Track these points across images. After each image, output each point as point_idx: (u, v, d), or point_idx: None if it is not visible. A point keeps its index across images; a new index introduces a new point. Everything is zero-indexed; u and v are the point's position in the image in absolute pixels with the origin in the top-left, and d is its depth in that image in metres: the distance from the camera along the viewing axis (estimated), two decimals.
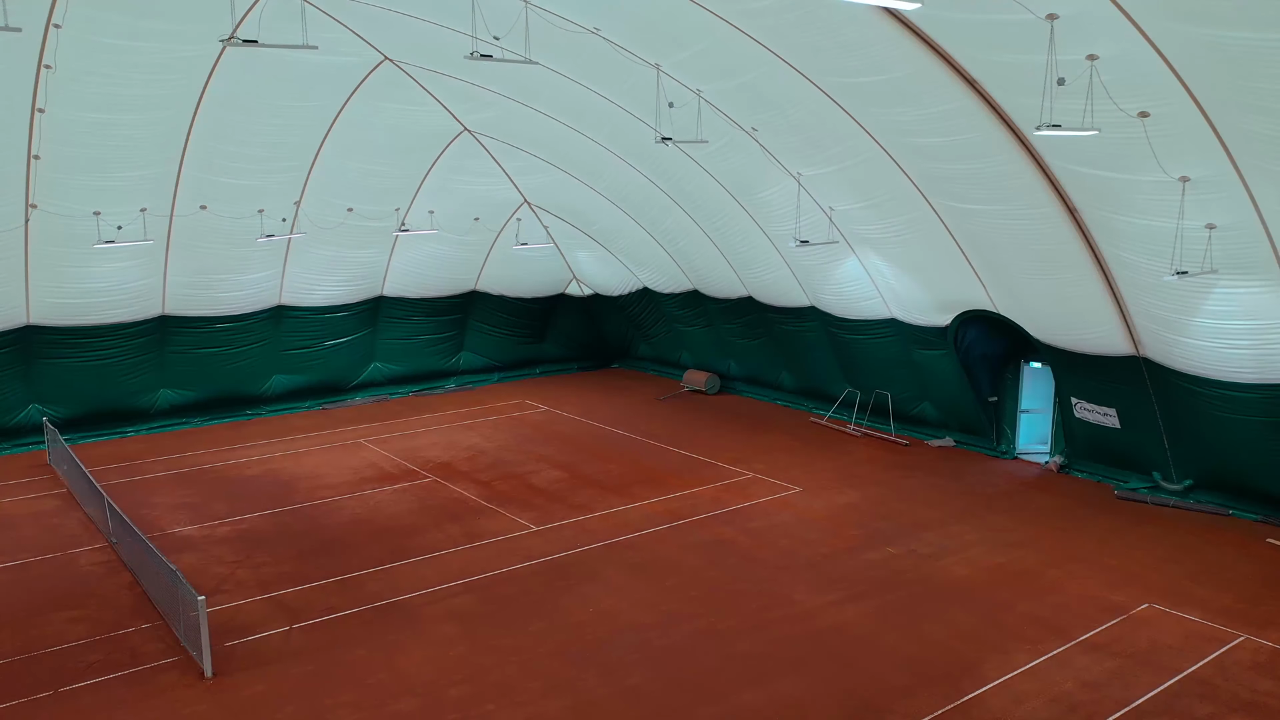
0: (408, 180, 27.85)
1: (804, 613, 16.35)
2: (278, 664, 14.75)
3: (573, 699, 13.66)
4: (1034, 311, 21.48)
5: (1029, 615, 16.16)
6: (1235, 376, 18.68)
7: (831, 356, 28.41)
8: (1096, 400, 22.06)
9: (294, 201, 26.79)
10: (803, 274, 26.35)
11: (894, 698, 13.65)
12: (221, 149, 23.89)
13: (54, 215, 23.48)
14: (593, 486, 23.08)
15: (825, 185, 21.84)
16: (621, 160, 25.82)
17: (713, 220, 26.77)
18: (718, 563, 18.46)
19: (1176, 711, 13.21)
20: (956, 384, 25.07)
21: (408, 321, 32.33)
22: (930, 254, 21.95)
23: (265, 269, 28.18)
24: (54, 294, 25.31)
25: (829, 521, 20.65)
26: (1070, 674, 14.25)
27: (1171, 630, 15.63)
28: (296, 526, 20.57)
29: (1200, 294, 17.64)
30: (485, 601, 16.86)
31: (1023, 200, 18.25)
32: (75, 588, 17.50)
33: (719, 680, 14.14)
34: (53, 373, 26.49)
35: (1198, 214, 15.89)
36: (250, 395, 29.89)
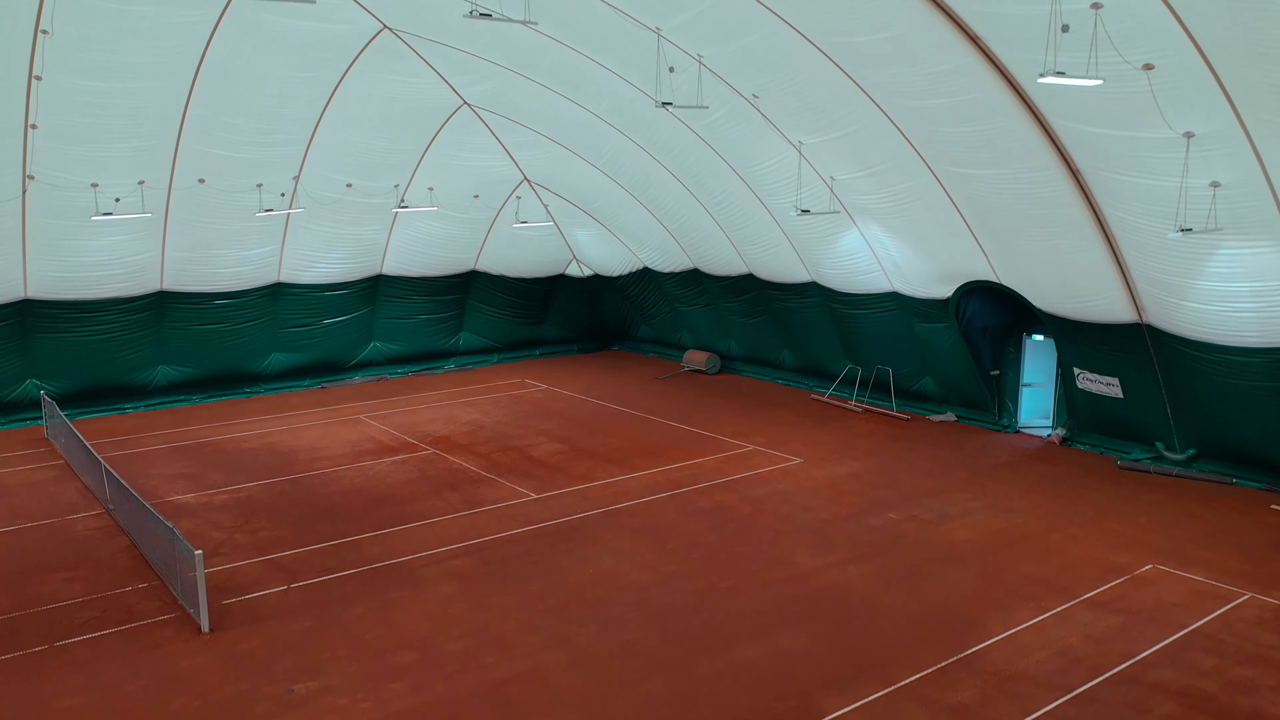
0: (407, 156, 27.73)
1: (805, 573, 16.24)
2: (275, 620, 14.64)
3: (572, 652, 13.55)
4: (1036, 280, 21.36)
5: (1031, 576, 16.05)
6: (1239, 340, 18.57)
7: (832, 333, 28.29)
8: (1099, 370, 21.94)
9: (293, 176, 26.66)
10: (803, 248, 26.24)
11: (896, 651, 13.54)
12: (220, 120, 23.77)
13: (51, 187, 23.36)
14: (592, 458, 22.97)
15: (826, 154, 21.72)
16: (621, 134, 25.71)
17: (713, 195, 26.65)
18: (718, 527, 18.35)
19: (1182, 664, 13.10)
20: (958, 358, 24.95)
21: (407, 301, 32.22)
22: (932, 223, 21.83)
23: (264, 245, 28.06)
24: (52, 267, 25.20)
25: (830, 490, 20.54)
26: (1074, 629, 14.14)
27: (1176, 589, 15.52)
28: (294, 495, 20.46)
29: (1204, 256, 17.53)
30: (484, 563, 16.75)
31: (1025, 162, 18.13)
32: (71, 551, 17.39)
33: (719, 635, 14.04)
34: (50, 347, 26.37)
35: (1202, 171, 15.78)
36: (249, 373, 29.78)
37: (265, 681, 12.82)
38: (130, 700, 12.33)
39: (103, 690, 12.59)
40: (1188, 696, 12.28)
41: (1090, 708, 12.04)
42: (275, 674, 12.99)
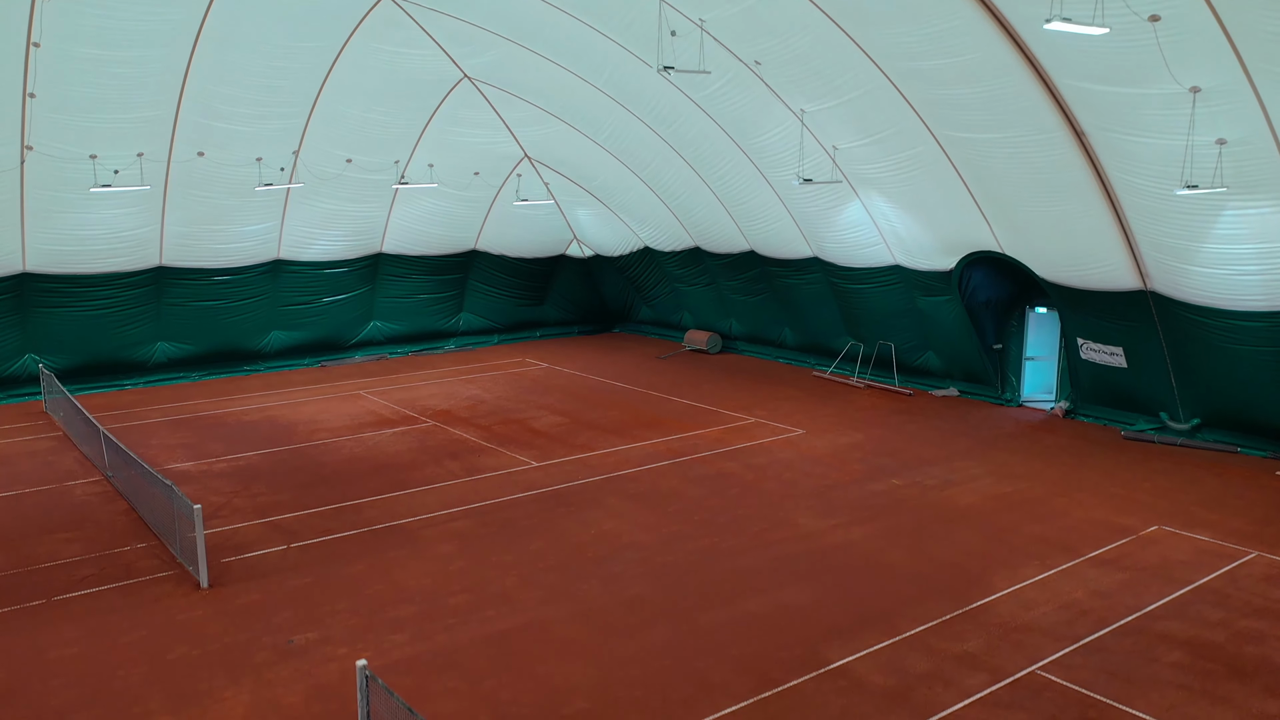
0: (407, 131, 27.59)
1: (808, 534, 16.13)
2: (275, 576, 14.53)
3: (573, 606, 13.44)
4: (1039, 248, 21.24)
5: (1036, 536, 15.94)
6: (1244, 305, 18.46)
7: (834, 309, 28.17)
8: (1103, 340, 21.82)
9: (292, 151, 26.53)
10: (805, 222, 26.11)
11: (901, 604, 13.43)
12: (219, 91, 23.63)
13: (50, 158, 23.23)
14: (593, 429, 22.86)
15: (828, 122, 21.60)
16: (622, 108, 25.58)
17: (714, 170, 26.53)
18: (720, 492, 18.23)
19: (1188, 617, 13.00)
20: (960, 331, 24.83)
21: (407, 280, 32.10)
22: (935, 192, 21.71)
23: (263, 221, 27.93)
24: (50, 240, 25.08)
25: (832, 458, 20.43)
26: (1079, 584, 14.03)
27: (1181, 548, 15.42)
28: (293, 463, 20.34)
29: (1209, 218, 17.41)
30: (484, 524, 16.64)
31: (1029, 124, 18.01)
32: (70, 514, 17.28)
33: (721, 590, 13.93)
34: (49, 322, 26.25)
35: (1208, 128, 15.65)
36: (248, 350, 29.66)
37: (264, 632, 12.71)
38: (127, 650, 12.22)
39: (100, 640, 12.49)
40: (1195, 646, 12.17)
41: (1097, 656, 11.94)
42: (274, 626, 12.88)
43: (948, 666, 11.70)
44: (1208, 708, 10.76)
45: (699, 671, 11.61)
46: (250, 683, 11.42)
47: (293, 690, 11.26)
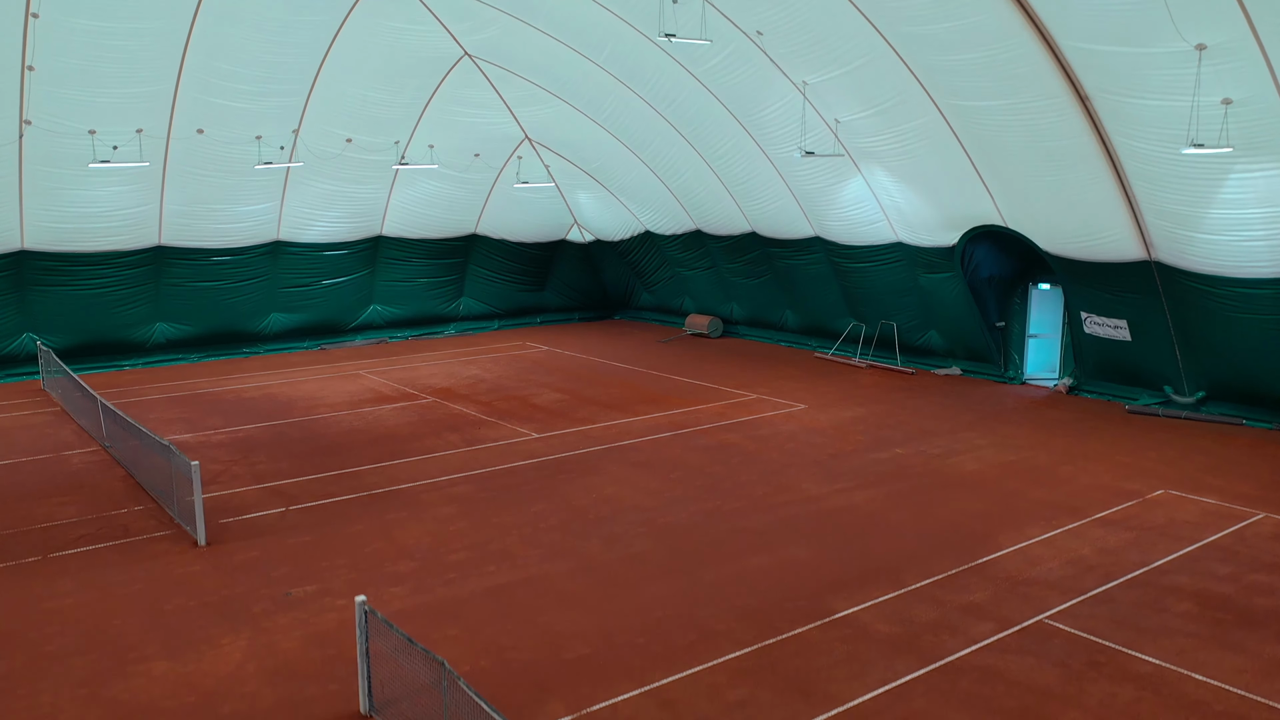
0: (408, 110, 27.48)
1: (812, 498, 16.00)
2: (273, 535, 14.40)
3: (575, 562, 13.30)
4: (1043, 220, 21.12)
5: (1041, 500, 15.81)
6: (1249, 271, 18.34)
7: (836, 290, 28.05)
8: (1107, 313, 21.70)
9: (292, 130, 26.42)
10: (806, 200, 26.00)
11: (906, 560, 13.29)
12: (218, 67, 23.52)
13: (48, 133, 23.11)
14: (594, 405, 22.72)
15: (831, 93, 21.49)
16: (622, 84, 25.46)
17: (715, 148, 26.41)
18: (722, 461, 18.10)
19: (1196, 571, 12.86)
20: (963, 308, 24.70)
21: (407, 263, 31.97)
22: (938, 165, 21.59)
23: (263, 201, 27.82)
24: (48, 217, 24.95)
25: (835, 430, 20.29)
26: (1086, 543, 13.89)
27: (1188, 510, 15.28)
28: (292, 435, 20.21)
29: (1214, 182, 17.30)
30: (485, 489, 16.51)
31: (1032, 90, 17.89)
32: (67, 480, 17.14)
33: (724, 548, 13.79)
34: (47, 301, 26.12)
35: (1214, 88, 15.54)
36: (248, 332, 29.53)
37: (262, 585, 12.57)
38: (124, 601, 12.08)
39: (96, 592, 12.35)
40: (1204, 598, 12.04)
41: (1105, 607, 11.80)
42: (272, 580, 12.75)
43: (954, 616, 11.56)
44: (1218, 653, 10.62)
45: (701, 621, 11.47)
46: (248, 630, 11.29)
47: (290, 637, 11.12)
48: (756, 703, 9.65)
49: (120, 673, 10.31)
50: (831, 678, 10.15)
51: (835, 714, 9.47)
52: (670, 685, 10.02)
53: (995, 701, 9.65)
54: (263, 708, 9.59)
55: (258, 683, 10.09)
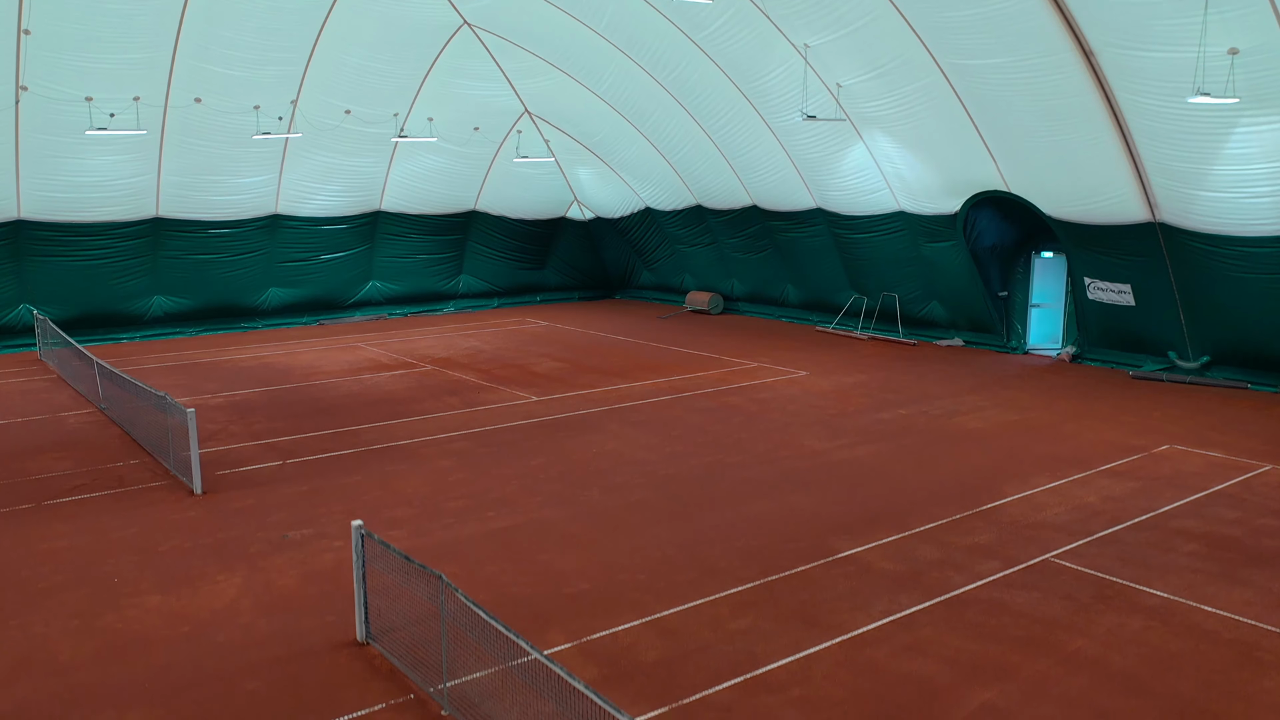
0: (407, 81, 27.30)
1: (815, 452, 15.85)
2: (270, 485, 14.25)
3: (575, 509, 13.15)
4: (1046, 182, 20.95)
5: (1046, 454, 15.66)
6: (1253, 230, 18.19)
7: (837, 263, 27.88)
8: (1111, 277, 21.54)
9: (290, 100, 26.24)
10: (807, 170, 25.83)
11: (910, 507, 13.14)
12: (216, 34, 23.32)
13: (45, 99, 22.94)
14: (594, 372, 22.57)
15: (832, 56, 21.31)
16: (622, 53, 25.27)
17: (715, 118, 26.23)
18: (723, 420, 17.95)
19: (1204, 516, 12.71)
20: (966, 277, 24.54)
21: (406, 239, 31.80)
22: (940, 129, 21.42)
23: (261, 173, 27.65)
24: (45, 186, 24.79)
25: (836, 394, 20.15)
26: (1092, 491, 13.75)
27: (1194, 462, 15.14)
28: (290, 398, 20.06)
29: (1220, 137, 17.14)
30: (484, 445, 16.36)
31: (1036, 46, 17.71)
32: (63, 437, 16.98)
33: (726, 497, 13.64)
34: (44, 271, 25.96)
35: (1220, 37, 15.37)
36: (246, 306, 29.37)
37: (259, 529, 12.42)
38: (118, 543, 11.93)
39: (90, 535, 12.20)
40: (1211, 539, 11.89)
41: (1112, 547, 11.65)
42: (269, 524, 12.60)
43: (959, 555, 11.41)
44: (1226, 587, 10.47)
45: (703, 559, 11.33)
46: (244, 569, 11.14)
47: (287, 575, 10.98)
48: (759, 631, 9.50)
49: (113, 606, 10.16)
50: (835, 609, 10.01)
51: (839, 641, 9.32)
52: (671, 616, 9.87)
53: (1002, 631, 9.50)
54: (257, 638, 9.44)
55: (253, 615, 9.95)
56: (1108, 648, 9.15)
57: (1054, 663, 8.86)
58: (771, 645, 9.22)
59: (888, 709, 8.09)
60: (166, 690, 8.46)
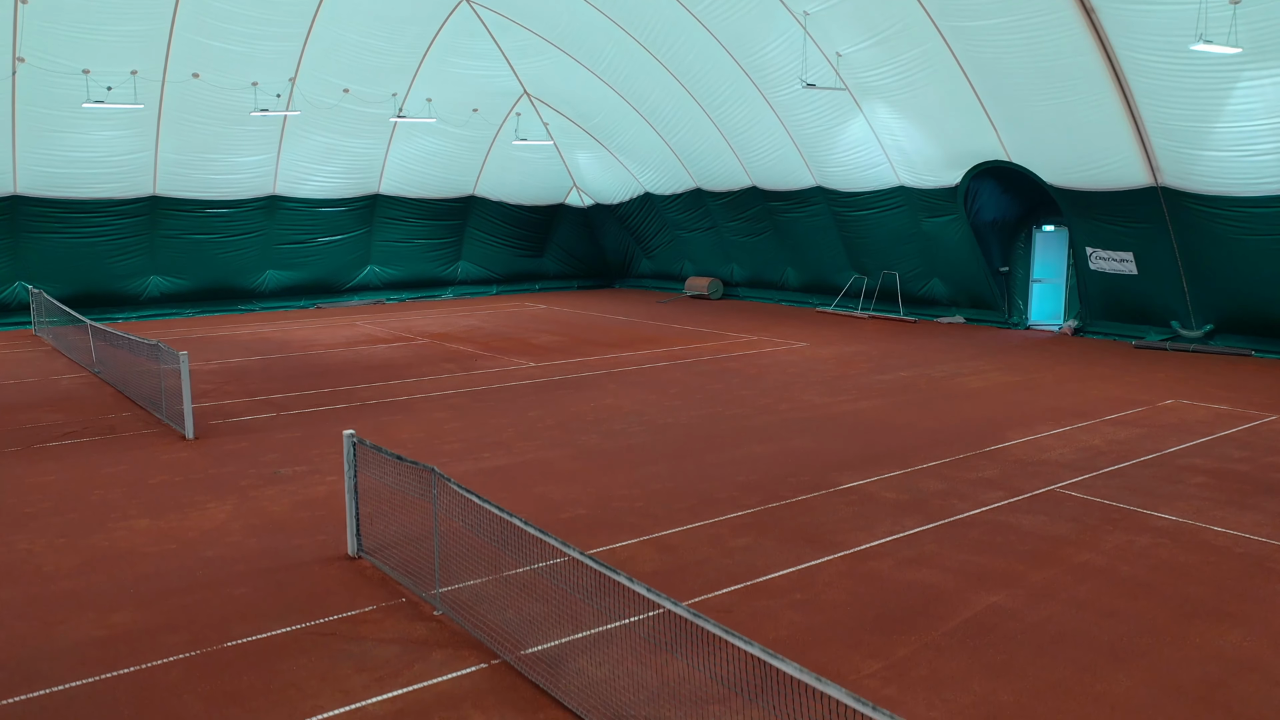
0: (405, 60, 27.21)
1: (816, 405, 15.67)
2: (263, 432, 14.06)
3: (572, 451, 12.95)
4: (1047, 149, 20.82)
5: (1050, 406, 15.48)
6: (1257, 189, 18.05)
7: (837, 243, 27.74)
8: (1113, 246, 21.39)
9: (289, 78, 26.16)
10: (807, 147, 25.72)
11: (913, 449, 12.95)
12: (214, 6, 23.21)
13: (42, 71, 22.86)
14: (593, 344, 22.40)
15: (832, 23, 21.22)
16: (621, 29, 25.18)
17: (715, 96, 26.13)
18: (722, 381, 17.78)
19: (1211, 455, 12.52)
20: (967, 252, 24.40)
21: (404, 224, 31.68)
22: (940, 97, 21.32)
23: (259, 153, 27.56)
24: (42, 161, 24.69)
25: (837, 360, 19.98)
26: (1096, 436, 13.56)
27: (1200, 413, 14.95)
28: (286, 364, 19.88)
29: (1222, 94, 17.03)
30: (481, 400, 16.18)
31: (1036, 3, 17.59)
32: (55, 396, 16.80)
33: (727, 440, 13.45)
34: (40, 248, 25.84)
35: None
36: (243, 289, 29.22)
37: (250, 467, 12.23)
38: (107, 478, 11.73)
39: (79, 472, 12.00)
40: (1219, 474, 11.70)
41: (1119, 479, 11.46)
42: (261, 463, 12.40)
43: (963, 487, 11.22)
44: (1235, 512, 10.26)
45: (703, 491, 11.12)
46: (234, 499, 10.94)
47: (278, 503, 10.78)
48: (759, 548, 9.29)
49: (100, 528, 9.96)
50: (837, 529, 9.80)
51: (841, 555, 9.11)
52: (669, 535, 9.67)
53: (1007, 546, 9.30)
54: (246, 553, 9.24)
55: (242, 535, 9.74)
56: (1116, 560, 8.94)
57: (1061, 572, 8.65)
58: (772, 559, 9.01)
59: (891, 610, 7.88)
60: (152, 595, 8.26)
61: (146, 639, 7.40)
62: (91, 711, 6.36)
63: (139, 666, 6.97)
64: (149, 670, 6.92)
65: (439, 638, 7.42)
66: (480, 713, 6.34)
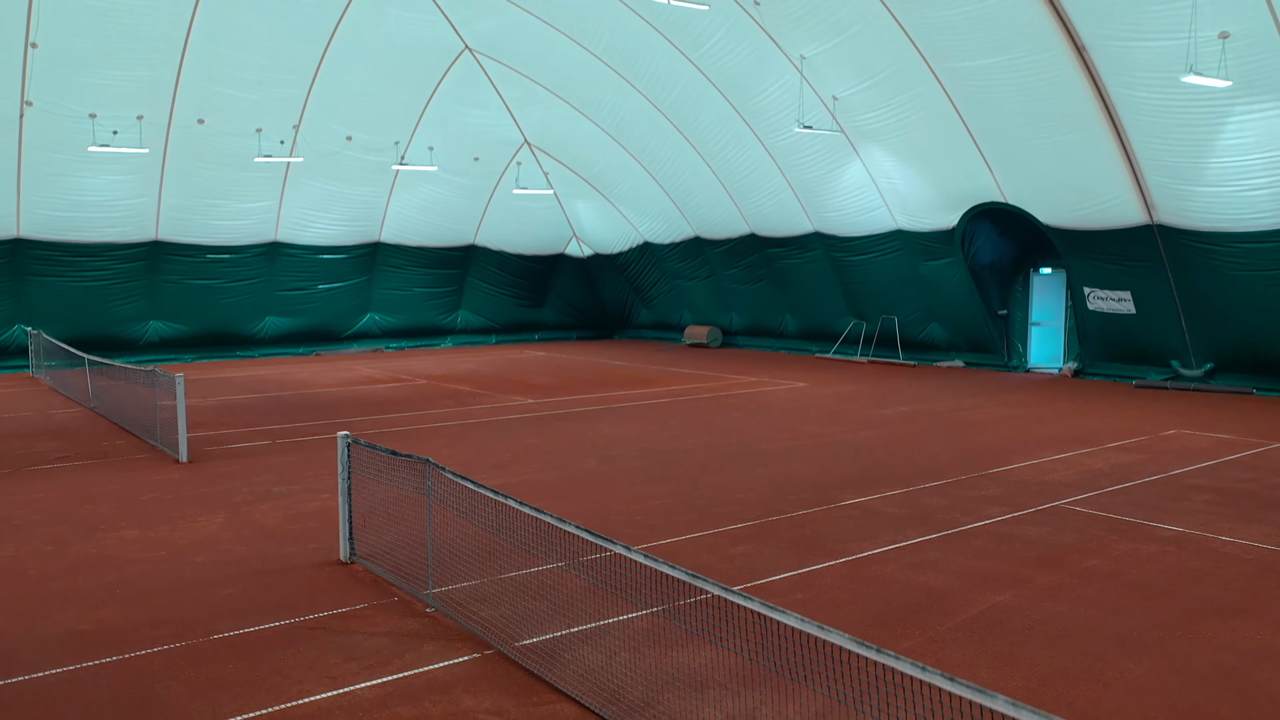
0: (408, 107, 27.61)
1: (815, 434, 15.54)
2: (257, 457, 13.92)
3: (568, 473, 12.80)
4: (1042, 188, 21.00)
5: (1051, 435, 15.36)
6: (1252, 224, 18.16)
7: (835, 288, 27.83)
8: (1110, 286, 21.44)
9: (293, 125, 26.51)
10: (804, 192, 25.94)
11: (915, 472, 12.80)
12: (222, 53, 23.63)
13: (49, 116, 23.17)
14: (592, 384, 22.32)
15: (828, 67, 21.57)
16: (620, 76, 25.58)
17: (712, 142, 26.44)
18: (721, 414, 17.67)
19: (1216, 475, 12.38)
20: (965, 296, 24.46)
21: (405, 271, 31.82)
22: (935, 138, 21.57)
23: (262, 199, 27.80)
24: (46, 205, 24.89)
25: (837, 398, 19.89)
26: (1099, 460, 13.42)
27: (1203, 441, 14.83)
28: (284, 401, 19.78)
29: (1214, 128, 17.23)
30: (479, 430, 16.06)
31: (1028, 43, 17.91)
32: (51, 427, 16.67)
33: (726, 465, 13.30)
34: (41, 292, 25.89)
35: (1209, 22, 15.55)
36: (242, 335, 29.22)
37: (244, 485, 12.07)
38: (99, 496, 11.57)
39: (71, 490, 11.84)
40: (1225, 491, 11.55)
41: (1124, 496, 11.30)
42: (254, 483, 12.24)
43: (966, 504, 11.05)
44: (1242, 525, 10.09)
45: (702, 507, 10.95)
46: (226, 513, 10.77)
47: (270, 516, 10.61)
48: (760, 554, 9.12)
49: (88, 537, 9.79)
50: (839, 539, 9.63)
51: (844, 560, 8.93)
52: (667, 544, 9.49)
53: (1013, 553, 9.12)
54: (236, 558, 9.05)
55: (232, 543, 9.57)
56: (1123, 565, 8.76)
57: (1068, 575, 8.47)
58: (772, 564, 8.84)
59: (895, 609, 7.69)
60: (137, 595, 8.06)
61: (130, 632, 7.21)
62: (70, 696, 6.15)
63: (121, 656, 6.78)
64: (131, 659, 6.73)
65: (431, 631, 7.23)
66: (472, 696, 6.14)
